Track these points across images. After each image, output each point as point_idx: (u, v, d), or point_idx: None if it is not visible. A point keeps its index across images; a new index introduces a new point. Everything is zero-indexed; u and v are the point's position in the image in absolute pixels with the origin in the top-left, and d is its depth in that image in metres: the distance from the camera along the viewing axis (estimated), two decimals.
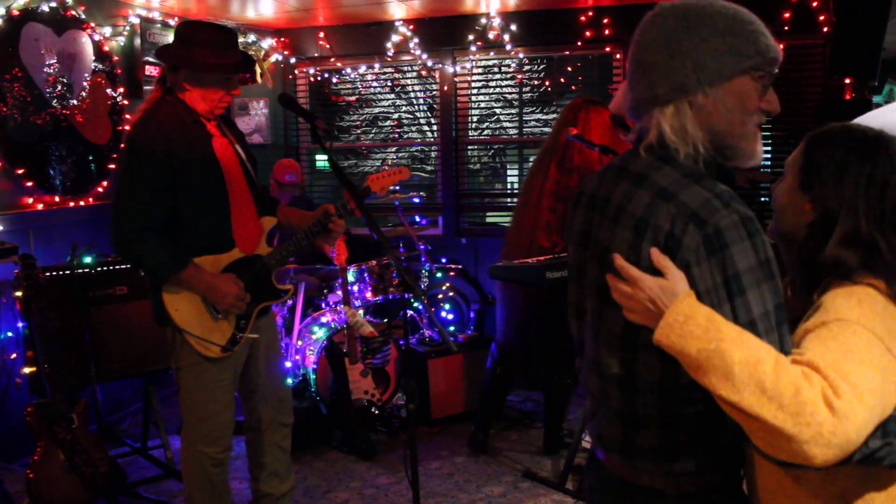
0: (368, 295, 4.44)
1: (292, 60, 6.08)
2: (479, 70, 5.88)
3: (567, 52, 5.57)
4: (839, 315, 1.29)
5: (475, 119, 6.01)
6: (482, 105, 5.96)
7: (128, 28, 4.76)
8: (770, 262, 1.27)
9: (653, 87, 1.35)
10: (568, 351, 3.95)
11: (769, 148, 5.20)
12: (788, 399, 1.15)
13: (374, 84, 6.16)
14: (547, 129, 5.79)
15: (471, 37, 5.58)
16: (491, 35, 5.53)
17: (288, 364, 4.27)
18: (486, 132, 6.05)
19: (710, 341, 1.19)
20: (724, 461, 1.43)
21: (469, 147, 6.05)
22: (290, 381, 3.98)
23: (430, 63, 5.82)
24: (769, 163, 5.22)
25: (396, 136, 6.23)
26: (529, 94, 5.82)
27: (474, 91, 5.91)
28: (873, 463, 1.23)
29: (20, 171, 4.02)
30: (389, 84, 6.14)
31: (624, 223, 1.35)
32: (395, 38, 5.72)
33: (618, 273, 1.32)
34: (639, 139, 1.42)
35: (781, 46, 1.41)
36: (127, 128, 4.66)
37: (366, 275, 4.44)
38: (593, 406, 1.53)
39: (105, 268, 3.67)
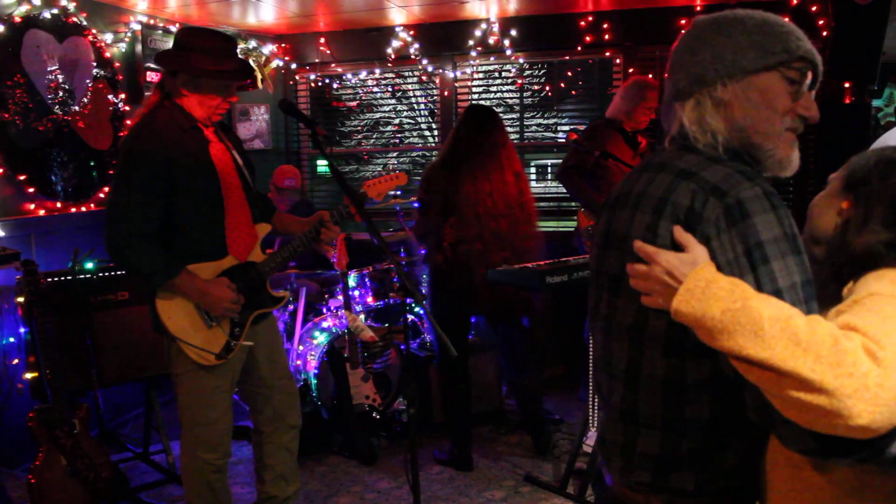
0: (369, 300, 4.45)
1: (293, 66, 6.10)
2: (480, 75, 5.89)
3: (567, 57, 5.58)
4: (871, 290, 1.22)
5: None
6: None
7: (129, 34, 4.78)
8: (796, 238, 1.22)
9: (676, 83, 1.38)
10: (527, 353, 4.03)
11: None
12: (827, 349, 1.05)
13: (375, 89, 6.17)
14: (548, 134, 5.80)
15: (471, 42, 5.59)
16: (491, 40, 5.54)
17: None
18: None
19: (736, 300, 1.11)
20: (730, 488, 1.34)
21: None
22: None
23: (430, 68, 5.83)
24: None
25: (397, 141, 6.24)
26: (530, 99, 5.83)
27: (475, 96, 5.92)
28: None
29: (22, 178, 4.03)
30: (390, 89, 6.15)
31: (644, 207, 1.34)
32: (396, 43, 5.74)
33: (636, 260, 1.27)
34: (661, 137, 1.45)
35: None
36: None
37: (367, 280, 4.45)
38: (602, 408, 1.51)
39: (106, 273, 3.68)
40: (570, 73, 5.66)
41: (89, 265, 3.67)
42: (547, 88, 5.70)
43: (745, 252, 1.20)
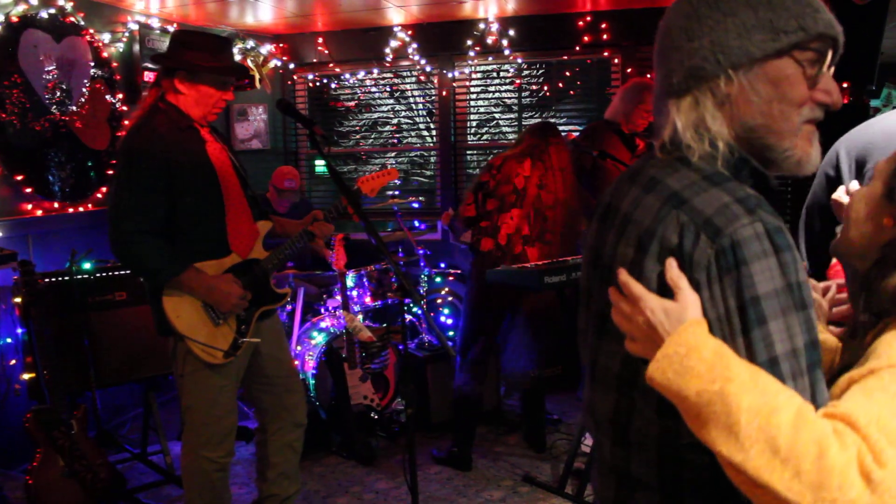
0: (367, 300, 4.45)
1: (291, 66, 6.10)
2: (478, 75, 5.90)
3: (565, 57, 5.58)
4: (893, 361, 1.00)
5: (474, 124, 6.02)
6: (481, 110, 5.98)
7: (127, 34, 4.77)
8: (802, 287, 1.01)
9: (669, 76, 1.14)
10: (533, 347, 4.03)
11: None
12: (809, 464, 0.88)
13: (373, 89, 6.17)
14: None
15: (469, 42, 5.59)
16: (489, 40, 5.54)
17: None
18: (485, 137, 6.06)
19: (715, 381, 0.94)
20: None
21: (468, 152, 6.05)
22: None
23: (428, 68, 5.83)
24: None
25: (395, 141, 6.23)
26: (528, 99, 5.83)
27: (473, 96, 5.92)
28: None
29: (19, 178, 4.02)
30: (388, 89, 6.15)
31: (629, 235, 1.12)
32: (394, 43, 5.74)
33: (621, 289, 1.08)
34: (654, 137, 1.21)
35: None
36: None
37: (365, 280, 4.45)
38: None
39: (104, 274, 3.68)
40: (568, 73, 5.66)
41: (87, 265, 3.66)
42: (545, 88, 5.70)
43: (738, 308, 1.00)
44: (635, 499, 1.16)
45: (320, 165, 6.41)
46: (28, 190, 4.08)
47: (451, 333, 5.25)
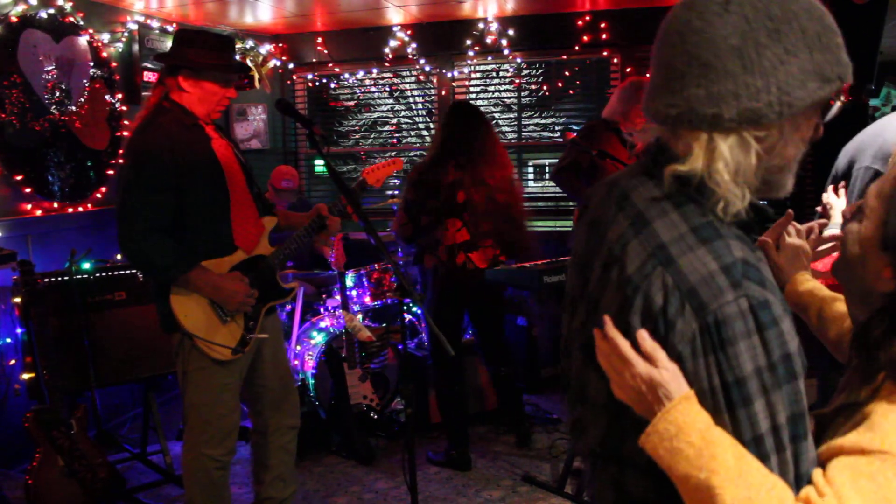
0: (367, 300, 4.45)
1: (290, 66, 6.10)
2: (478, 75, 5.90)
3: (564, 57, 5.58)
4: (885, 446, 0.99)
5: None
6: (481, 109, 5.96)
7: (126, 34, 4.77)
8: (790, 360, 1.00)
9: (714, 102, 1.01)
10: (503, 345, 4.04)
11: None
12: None
13: (373, 89, 6.17)
14: (546, 133, 5.80)
15: (468, 42, 5.59)
16: (489, 40, 5.54)
17: None
18: None
19: (701, 470, 0.97)
20: None
21: None
22: None
23: (428, 68, 5.84)
24: None
25: (395, 140, 6.24)
26: (528, 99, 5.83)
27: (472, 95, 5.92)
28: None
29: (19, 178, 4.02)
30: (388, 89, 6.15)
31: (614, 280, 1.09)
32: (394, 43, 5.74)
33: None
34: (657, 154, 1.11)
35: None
36: (126, 133, 4.67)
37: (364, 280, 4.45)
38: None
39: (103, 274, 3.68)
40: (567, 73, 5.66)
41: (86, 265, 3.66)
42: (544, 88, 5.71)
43: (721, 387, 1.00)
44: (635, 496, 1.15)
45: (320, 165, 6.41)
46: (27, 190, 4.08)
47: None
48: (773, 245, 1.60)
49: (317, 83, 6.20)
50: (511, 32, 5.47)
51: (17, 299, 3.45)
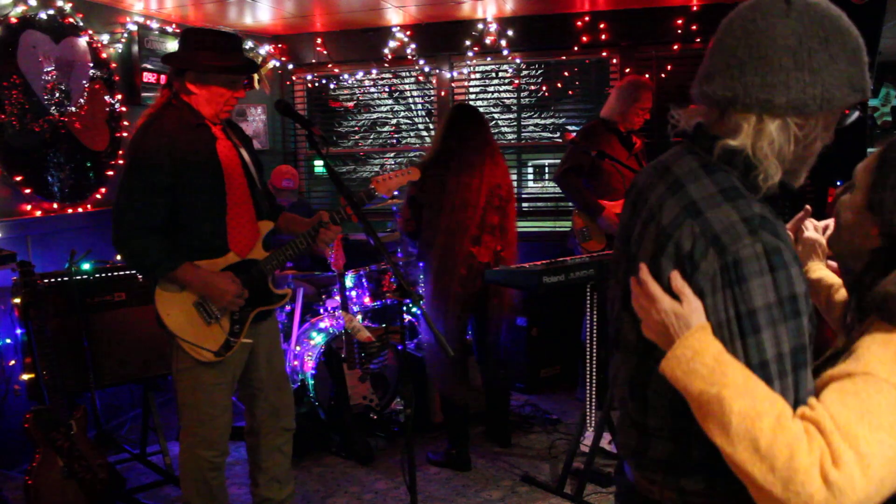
0: (366, 300, 4.45)
1: (290, 66, 6.10)
2: (477, 75, 5.90)
3: (564, 57, 5.59)
4: (868, 368, 1.16)
5: None
6: (480, 110, 5.96)
7: (125, 35, 4.77)
8: (796, 300, 1.17)
9: (768, 89, 1.19)
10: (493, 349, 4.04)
11: None
12: (781, 462, 1.07)
13: (372, 90, 6.18)
14: (546, 134, 5.81)
15: (468, 42, 5.59)
16: (488, 40, 5.54)
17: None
18: None
19: (713, 385, 1.13)
20: (739, 485, 1.28)
21: None
22: None
23: (427, 68, 5.84)
24: None
25: (394, 141, 6.24)
26: (527, 99, 5.84)
27: (472, 96, 5.92)
28: None
29: (18, 178, 4.03)
30: (387, 90, 6.16)
31: (650, 232, 1.29)
32: (393, 43, 5.74)
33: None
34: (696, 134, 1.32)
35: None
36: (125, 134, 4.68)
37: (364, 280, 4.45)
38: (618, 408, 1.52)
39: (103, 274, 3.68)
40: (566, 73, 5.66)
41: (86, 266, 3.66)
42: (544, 88, 5.71)
43: (736, 317, 1.17)
44: (652, 447, 1.35)
45: (319, 166, 6.41)
46: (27, 190, 4.08)
47: None
48: (793, 238, 1.78)
49: (316, 84, 6.20)
50: (510, 33, 5.48)
51: (17, 300, 3.45)
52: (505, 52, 5.55)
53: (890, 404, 1.11)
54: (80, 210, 4.43)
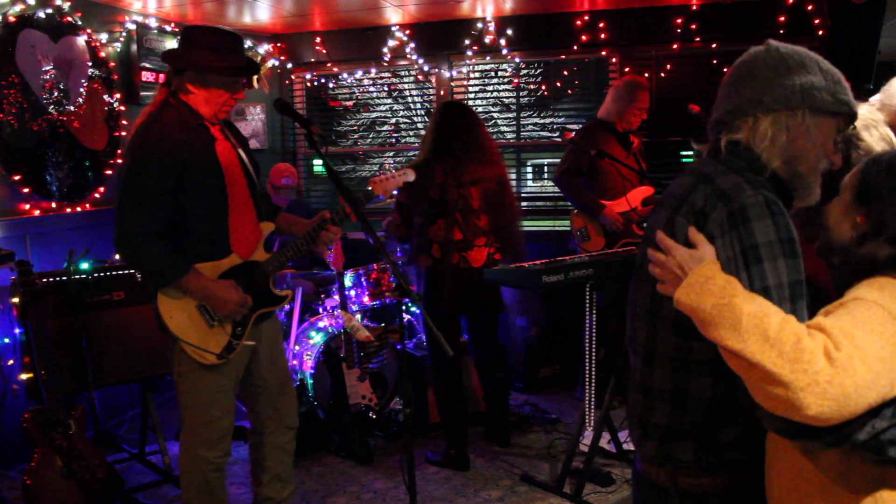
0: (365, 299, 4.45)
1: (289, 66, 6.09)
2: (476, 74, 5.89)
3: (563, 57, 5.58)
4: (857, 295, 1.31)
5: None
6: (479, 109, 5.95)
7: (124, 34, 4.76)
8: (792, 242, 1.38)
9: (757, 92, 1.48)
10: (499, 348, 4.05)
11: None
12: (789, 347, 1.20)
13: (371, 89, 6.17)
14: (545, 133, 5.81)
15: (467, 41, 5.59)
16: (487, 39, 5.54)
17: None
18: None
19: (725, 297, 1.29)
20: (726, 461, 1.51)
21: None
22: None
23: (426, 68, 5.83)
24: None
25: (394, 140, 6.23)
26: (526, 99, 5.83)
27: (471, 95, 5.92)
28: (879, 447, 1.22)
29: (17, 178, 4.02)
30: (386, 89, 6.15)
31: (668, 203, 1.53)
32: (392, 42, 5.73)
33: (658, 249, 1.45)
34: (715, 145, 1.56)
35: None
36: (124, 133, 4.67)
37: (363, 279, 4.45)
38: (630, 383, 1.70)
39: (102, 274, 3.67)
40: (566, 73, 5.66)
41: (84, 265, 3.66)
42: (543, 88, 5.70)
43: (741, 251, 1.37)
44: (656, 409, 1.55)
45: (318, 165, 6.41)
46: (26, 190, 4.08)
47: None
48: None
49: (315, 83, 6.19)
50: (509, 32, 5.47)
51: (16, 299, 3.44)
52: (504, 52, 5.55)
53: (879, 318, 1.24)
54: (78, 209, 4.42)
